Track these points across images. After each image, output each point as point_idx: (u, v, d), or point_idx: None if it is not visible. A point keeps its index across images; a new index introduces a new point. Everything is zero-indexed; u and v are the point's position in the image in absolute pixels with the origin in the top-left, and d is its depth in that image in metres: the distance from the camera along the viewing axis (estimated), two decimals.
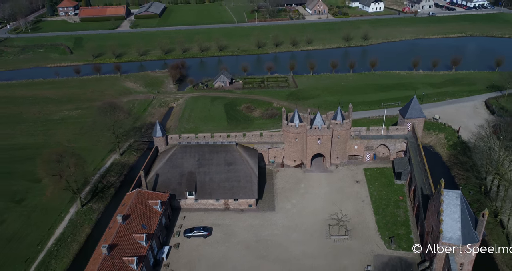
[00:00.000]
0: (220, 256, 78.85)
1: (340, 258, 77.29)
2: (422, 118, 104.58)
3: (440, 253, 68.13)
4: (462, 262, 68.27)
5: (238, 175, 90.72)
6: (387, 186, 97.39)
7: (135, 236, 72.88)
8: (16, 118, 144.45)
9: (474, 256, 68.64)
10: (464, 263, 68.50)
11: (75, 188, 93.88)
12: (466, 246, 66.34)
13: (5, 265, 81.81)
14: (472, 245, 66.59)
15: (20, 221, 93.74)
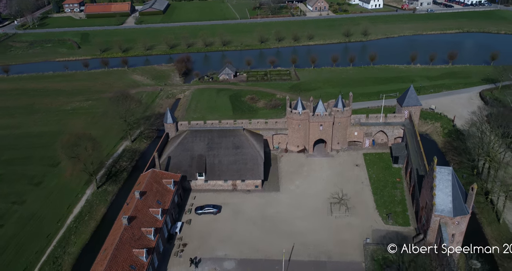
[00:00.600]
0: (229, 231, 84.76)
1: (341, 233, 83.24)
2: (418, 107, 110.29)
3: (433, 225, 74.04)
4: (454, 233, 74.16)
5: (245, 158, 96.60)
6: (385, 169, 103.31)
7: (151, 210, 78.81)
8: (29, 109, 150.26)
9: (465, 228, 74.53)
10: (456, 234, 74.40)
11: (91, 170, 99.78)
12: (457, 218, 72.21)
13: (28, 241, 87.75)
14: (462, 217, 72.51)
15: (39, 202, 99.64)
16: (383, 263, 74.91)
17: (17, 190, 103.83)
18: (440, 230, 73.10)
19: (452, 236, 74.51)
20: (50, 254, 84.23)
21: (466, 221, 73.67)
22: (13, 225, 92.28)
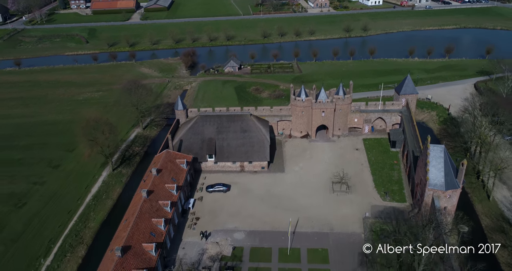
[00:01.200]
0: (238, 206, 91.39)
1: (342, 208, 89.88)
2: (415, 95, 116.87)
3: (426, 198, 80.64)
4: (446, 206, 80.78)
5: (252, 141, 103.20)
6: (383, 152, 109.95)
7: (167, 186, 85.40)
8: (43, 100, 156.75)
9: (456, 201, 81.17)
10: (448, 207, 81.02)
11: (107, 153, 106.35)
12: (449, 192, 78.83)
13: (51, 216, 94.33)
14: (453, 190, 79.15)
15: (59, 182, 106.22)
16: (380, 234, 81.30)
17: (37, 172, 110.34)
18: (433, 204, 79.67)
19: (444, 209, 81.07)
20: (72, 228, 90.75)
21: (457, 194, 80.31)
22: (36, 202, 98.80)
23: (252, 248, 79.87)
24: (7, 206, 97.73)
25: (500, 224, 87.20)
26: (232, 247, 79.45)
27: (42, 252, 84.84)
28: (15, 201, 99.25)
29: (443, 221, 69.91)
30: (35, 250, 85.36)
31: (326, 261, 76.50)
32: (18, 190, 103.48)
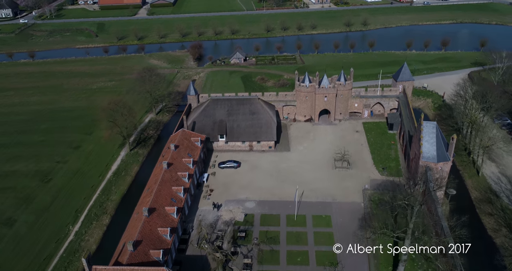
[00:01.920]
0: (248, 180, 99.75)
1: (344, 181, 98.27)
2: (411, 81, 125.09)
3: (420, 170, 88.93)
4: (437, 177, 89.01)
5: (260, 122, 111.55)
6: (382, 134, 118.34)
7: (184, 160, 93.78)
8: (59, 88, 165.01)
9: (447, 173, 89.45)
10: (439, 178, 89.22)
11: (125, 134, 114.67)
12: (440, 164, 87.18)
13: (76, 191, 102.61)
14: (444, 163, 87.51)
15: (80, 161, 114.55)
16: (378, 203, 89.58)
17: (59, 152, 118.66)
18: (426, 174, 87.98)
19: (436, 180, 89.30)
20: (96, 200, 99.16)
21: (448, 166, 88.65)
22: (60, 178, 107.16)
23: (262, 214, 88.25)
24: (35, 181, 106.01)
25: (488, 196, 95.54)
26: (244, 214, 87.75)
27: (70, 220, 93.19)
28: (42, 177, 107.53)
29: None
30: (63, 218, 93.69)
31: (329, 225, 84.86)
32: (43, 167, 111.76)
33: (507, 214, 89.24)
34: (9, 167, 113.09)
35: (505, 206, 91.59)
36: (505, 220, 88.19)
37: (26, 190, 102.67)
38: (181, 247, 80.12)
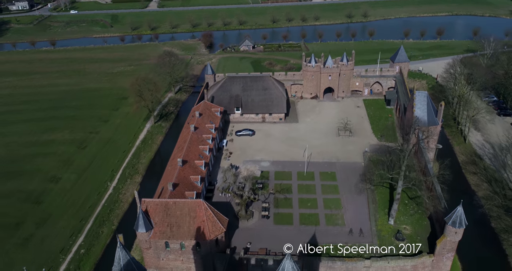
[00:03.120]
0: (262, 145, 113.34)
1: (346, 146, 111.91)
2: (407, 63, 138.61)
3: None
4: (428, 141, 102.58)
5: (272, 97, 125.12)
6: (380, 109, 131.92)
7: (207, 125, 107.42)
8: (82, 72, 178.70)
9: (437, 136, 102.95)
10: (429, 141, 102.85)
11: (151, 107, 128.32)
12: (431, 127, 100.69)
13: (109, 155, 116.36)
14: (434, 126, 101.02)
15: (111, 132, 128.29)
16: (377, 163, 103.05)
17: (91, 125, 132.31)
18: (419, 137, 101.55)
19: (427, 142, 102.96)
20: (128, 162, 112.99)
21: (437, 129, 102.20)
22: (95, 146, 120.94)
23: (276, 171, 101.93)
24: (73, 148, 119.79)
25: (473, 159, 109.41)
26: (260, 171, 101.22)
27: (108, 178, 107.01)
28: (78, 145, 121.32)
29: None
30: (101, 177, 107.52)
31: (334, 179, 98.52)
32: (78, 137, 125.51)
33: (488, 173, 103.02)
34: (47, 136, 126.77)
35: (487, 166, 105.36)
36: (486, 177, 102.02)
37: (66, 155, 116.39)
38: (207, 195, 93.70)
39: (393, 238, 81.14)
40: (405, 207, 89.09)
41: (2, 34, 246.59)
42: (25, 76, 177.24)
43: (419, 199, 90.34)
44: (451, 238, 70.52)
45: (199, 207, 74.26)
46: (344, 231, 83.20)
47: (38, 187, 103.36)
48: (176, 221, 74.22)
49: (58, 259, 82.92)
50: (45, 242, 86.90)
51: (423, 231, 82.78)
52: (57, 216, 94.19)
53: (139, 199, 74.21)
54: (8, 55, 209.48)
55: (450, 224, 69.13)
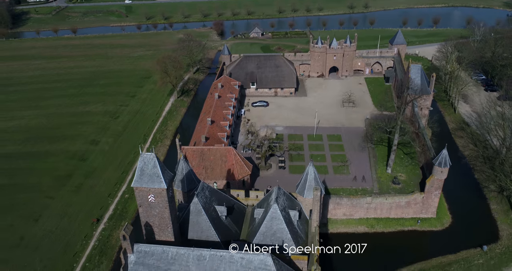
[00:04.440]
0: (276, 114, 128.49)
1: (350, 114, 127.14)
2: (404, 45, 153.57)
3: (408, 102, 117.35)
4: (421, 107, 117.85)
5: (283, 74, 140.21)
6: (380, 85, 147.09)
7: (228, 95, 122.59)
8: (105, 56, 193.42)
9: (429, 104, 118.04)
10: (423, 108, 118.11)
11: (174, 83, 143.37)
12: (423, 96, 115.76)
13: (140, 123, 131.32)
14: (427, 95, 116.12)
15: (139, 105, 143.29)
16: (376, 128, 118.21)
17: (120, 99, 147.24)
18: (413, 105, 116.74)
19: (420, 109, 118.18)
20: (157, 129, 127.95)
21: (430, 98, 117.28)
22: (126, 116, 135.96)
23: (289, 134, 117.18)
24: (106, 118, 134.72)
25: (461, 126, 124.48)
26: (275, 133, 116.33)
27: (140, 141, 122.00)
28: (111, 115, 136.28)
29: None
30: (135, 140, 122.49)
31: (340, 140, 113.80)
32: (110, 109, 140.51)
33: (474, 136, 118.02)
34: (82, 108, 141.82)
35: (473, 131, 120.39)
36: (472, 139, 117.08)
37: (101, 123, 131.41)
38: None
39: (390, 183, 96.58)
40: (401, 160, 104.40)
41: (23, 24, 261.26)
42: (52, 59, 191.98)
43: (413, 154, 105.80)
44: (438, 177, 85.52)
45: (229, 152, 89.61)
46: (349, 178, 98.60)
47: (81, 148, 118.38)
48: (210, 165, 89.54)
49: (107, 201, 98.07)
50: (94, 189, 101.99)
51: (416, 178, 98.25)
52: (101, 170, 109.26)
53: (179, 146, 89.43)
54: (33, 42, 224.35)
55: (436, 165, 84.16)
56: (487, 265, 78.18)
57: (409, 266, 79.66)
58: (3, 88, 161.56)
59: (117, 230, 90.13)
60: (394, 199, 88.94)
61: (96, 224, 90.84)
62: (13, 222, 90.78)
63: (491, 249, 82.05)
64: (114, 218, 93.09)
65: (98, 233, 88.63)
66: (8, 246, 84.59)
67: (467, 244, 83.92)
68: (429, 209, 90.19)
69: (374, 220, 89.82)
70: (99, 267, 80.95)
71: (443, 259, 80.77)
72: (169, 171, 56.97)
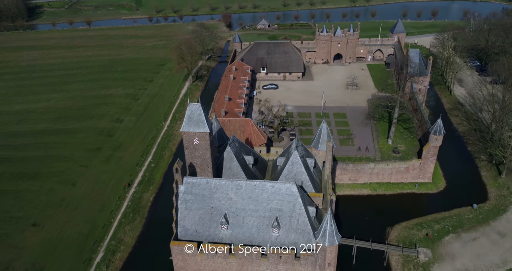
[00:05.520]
0: (285, 95, 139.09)
1: (353, 95, 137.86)
2: (404, 33, 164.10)
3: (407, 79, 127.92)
4: (420, 88, 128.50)
5: (291, 59, 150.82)
6: (381, 71, 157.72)
7: (242, 77, 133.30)
8: (120, 46, 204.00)
9: (427, 84, 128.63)
10: (421, 88, 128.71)
11: (189, 67, 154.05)
12: (421, 77, 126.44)
13: (159, 104, 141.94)
14: (424, 77, 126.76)
15: (157, 88, 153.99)
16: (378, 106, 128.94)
17: (138, 83, 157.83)
18: (412, 85, 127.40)
19: (419, 90, 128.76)
20: (176, 109, 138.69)
21: (427, 80, 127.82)
22: (146, 98, 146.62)
23: (298, 112, 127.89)
24: (127, 99, 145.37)
25: (456, 106, 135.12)
26: (286, 111, 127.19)
27: (162, 119, 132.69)
28: (131, 97, 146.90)
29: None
30: (156, 118, 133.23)
31: (345, 117, 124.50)
32: (130, 92, 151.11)
33: (467, 115, 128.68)
34: (104, 92, 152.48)
35: (467, 111, 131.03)
36: (466, 117, 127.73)
37: (124, 104, 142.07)
38: None
39: (391, 152, 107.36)
40: (401, 134, 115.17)
41: (38, 17, 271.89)
42: (70, 49, 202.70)
43: (412, 129, 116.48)
44: (433, 144, 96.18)
45: (247, 123, 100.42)
46: (354, 149, 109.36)
47: (107, 125, 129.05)
48: (230, 135, 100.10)
49: (136, 169, 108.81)
50: (122, 160, 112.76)
51: (414, 148, 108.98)
52: (127, 144, 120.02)
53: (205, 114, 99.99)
54: (50, 33, 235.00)
55: (432, 133, 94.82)
56: (476, 219, 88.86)
57: (408, 221, 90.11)
58: (27, 75, 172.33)
59: (146, 193, 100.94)
60: (395, 165, 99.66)
61: (127, 187, 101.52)
62: (53, 187, 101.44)
63: (480, 207, 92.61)
64: (143, 183, 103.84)
65: (130, 195, 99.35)
66: (51, 206, 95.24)
67: (459, 204, 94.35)
68: (425, 174, 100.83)
69: (377, 184, 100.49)
70: (133, 223, 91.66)
71: (438, 215, 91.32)
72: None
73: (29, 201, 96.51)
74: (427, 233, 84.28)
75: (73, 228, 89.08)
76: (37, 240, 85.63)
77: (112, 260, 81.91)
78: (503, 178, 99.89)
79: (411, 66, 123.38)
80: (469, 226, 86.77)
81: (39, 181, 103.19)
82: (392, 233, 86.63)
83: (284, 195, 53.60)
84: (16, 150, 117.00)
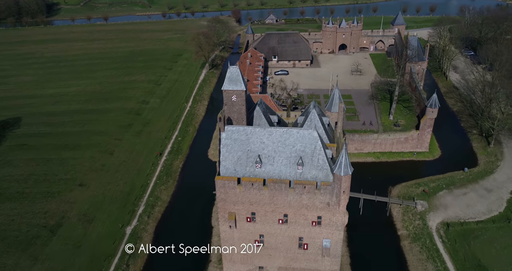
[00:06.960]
0: (296, 80, 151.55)
1: (357, 80, 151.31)
2: (404, 25, 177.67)
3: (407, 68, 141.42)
4: (418, 73, 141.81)
5: (300, 48, 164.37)
6: (383, 59, 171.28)
7: (256, 63, 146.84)
8: (138, 39, 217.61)
9: (425, 68, 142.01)
10: (419, 74, 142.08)
11: (207, 56, 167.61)
12: (419, 62, 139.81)
13: (180, 89, 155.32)
14: (422, 62, 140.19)
15: (176, 75, 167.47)
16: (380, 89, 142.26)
17: (159, 71, 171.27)
18: (411, 70, 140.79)
19: (417, 74, 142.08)
20: (196, 93, 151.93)
21: (425, 64, 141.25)
22: (167, 83, 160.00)
23: (308, 94, 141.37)
24: (151, 84, 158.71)
25: (451, 89, 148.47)
26: (297, 93, 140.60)
27: (184, 101, 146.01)
28: (154, 83, 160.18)
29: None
30: (178, 101, 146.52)
31: (350, 98, 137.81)
32: (152, 78, 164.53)
33: (462, 97, 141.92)
34: (128, 78, 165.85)
35: (461, 93, 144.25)
36: (460, 99, 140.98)
37: (147, 88, 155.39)
38: None
39: (392, 126, 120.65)
40: (401, 111, 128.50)
41: (55, 13, 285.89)
42: (90, 41, 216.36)
43: (411, 107, 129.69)
44: (429, 116, 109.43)
45: (265, 98, 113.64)
46: (359, 124, 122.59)
47: (135, 106, 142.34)
48: None
49: (164, 142, 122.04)
50: (151, 134, 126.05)
51: (413, 123, 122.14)
52: (154, 121, 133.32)
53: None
54: (70, 28, 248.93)
55: (428, 106, 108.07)
56: (467, 179, 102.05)
57: (407, 182, 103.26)
58: (54, 64, 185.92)
59: (176, 161, 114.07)
60: (395, 136, 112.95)
61: (159, 156, 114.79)
62: (93, 155, 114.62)
63: (471, 170, 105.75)
64: (172, 153, 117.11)
65: (162, 162, 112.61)
66: (94, 170, 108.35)
67: (452, 168, 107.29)
68: (423, 144, 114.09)
69: (380, 153, 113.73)
70: (167, 184, 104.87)
71: (433, 177, 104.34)
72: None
73: (73, 166, 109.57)
74: (424, 189, 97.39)
75: (115, 188, 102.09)
76: (85, 197, 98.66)
77: (152, 212, 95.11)
78: (491, 147, 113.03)
79: (410, 49, 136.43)
80: (461, 184, 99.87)
81: (80, 150, 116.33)
82: (394, 191, 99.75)
83: (307, 139, 66.60)
84: (55, 126, 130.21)
